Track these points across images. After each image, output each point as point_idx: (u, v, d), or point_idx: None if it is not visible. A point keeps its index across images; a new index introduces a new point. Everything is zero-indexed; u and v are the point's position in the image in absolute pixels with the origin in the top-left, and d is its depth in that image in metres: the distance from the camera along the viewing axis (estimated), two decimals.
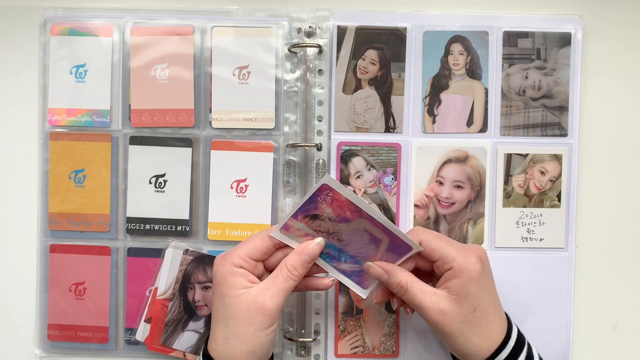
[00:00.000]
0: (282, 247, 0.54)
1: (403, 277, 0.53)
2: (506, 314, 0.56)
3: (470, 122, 0.63)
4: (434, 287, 0.54)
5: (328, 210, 0.53)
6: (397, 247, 0.53)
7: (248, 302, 0.51)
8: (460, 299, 0.52)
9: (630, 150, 0.64)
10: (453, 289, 0.52)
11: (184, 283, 0.62)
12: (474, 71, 0.62)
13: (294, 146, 0.62)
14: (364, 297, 0.57)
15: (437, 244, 0.53)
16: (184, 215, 0.63)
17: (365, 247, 0.54)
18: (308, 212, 0.53)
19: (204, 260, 0.62)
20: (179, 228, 0.63)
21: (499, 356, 0.52)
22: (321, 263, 0.56)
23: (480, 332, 0.52)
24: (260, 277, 0.54)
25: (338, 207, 0.52)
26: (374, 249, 0.54)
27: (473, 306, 0.52)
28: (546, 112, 0.63)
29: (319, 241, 0.54)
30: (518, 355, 0.53)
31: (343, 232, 0.54)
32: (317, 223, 0.54)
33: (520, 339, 0.54)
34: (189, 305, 0.62)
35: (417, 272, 0.56)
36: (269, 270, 0.55)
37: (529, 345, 0.55)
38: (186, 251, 0.62)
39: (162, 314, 0.62)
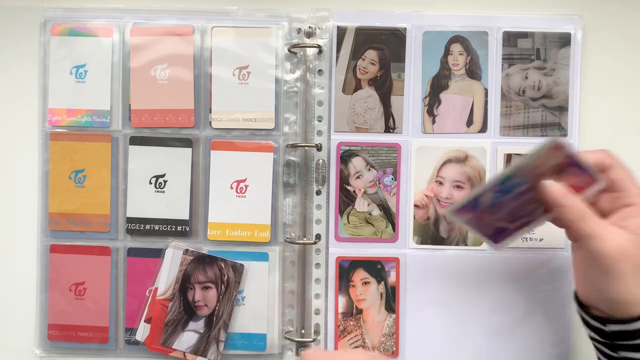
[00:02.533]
0: None
1: (579, 203, 0.48)
2: None
3: (470, 123, 0.63)
4: None
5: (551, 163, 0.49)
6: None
7: None
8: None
9: (630, 151, 0.64)
10: (633, 228, 0.47)
11: (184, 283, 0.62)
12: (473, 71, 0.62)
13: (294, 146, 0.62)
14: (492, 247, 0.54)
15: (621, 174, 0.49)
16: (184, 215, 0.63)
17: (526, 207, 0.51)
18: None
19: (204, 260, 0.62)
20: (179, 228, 0.63)
21: None
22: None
23: None
24: None
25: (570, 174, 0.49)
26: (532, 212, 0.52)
27: None
28: (546, 113, 0.63)
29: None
30: None
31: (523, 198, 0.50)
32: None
33: None
34: (189, 305, 0.62)
35: None
36: None
37: None
38: (186, 251, 0.62)
39: (162, 314, 0.62)
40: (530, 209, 0.51)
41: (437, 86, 0.62)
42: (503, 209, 0.51)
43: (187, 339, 0.62)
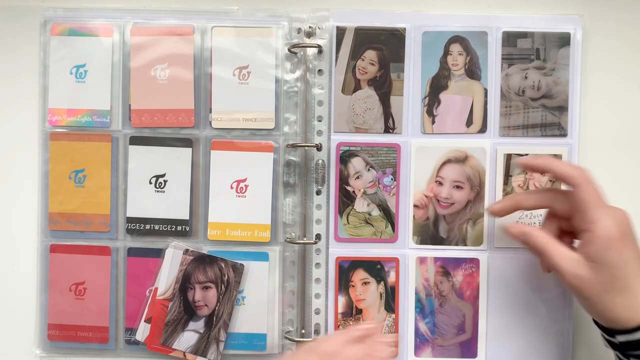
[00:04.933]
0: None
1: (540, 238, 0.53)
2: None
3: (469, 123, 0.63)
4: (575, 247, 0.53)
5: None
6: None
7: None
8: (597, 266, 0.50)
9: (631, 151, 0.64)
10: (590, 255, 0.50)
11: (184, 283, 0.62)
12: (473, 71, 0.62)
13: (294, 146, 0.62)
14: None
15: (585, 196, 0.51)
16: (184, 215, 0.63)
17: (451, 328, 0.62)
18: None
19: (204, 260, 0.62)
20: (179, 228, 0.63)
21: None
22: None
23: (620, 302, 0.49)
24: None
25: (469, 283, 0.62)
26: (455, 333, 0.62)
27: (613, 276, 0.49)
28: (546, 113, 0.63)
29: None
30: None
31: (450, 301, 0.62)
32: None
33: None
34: (189, 305, 0.62)
35: (561, 232, 0.55)
36: None
37: None
38: (186, 251, 0.63)
39: (162, 314, 0.62)
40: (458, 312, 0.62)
41: (437, 86, 0.63)
42: (441, 326, 0.62)
43: (187, 338, 0.62)
